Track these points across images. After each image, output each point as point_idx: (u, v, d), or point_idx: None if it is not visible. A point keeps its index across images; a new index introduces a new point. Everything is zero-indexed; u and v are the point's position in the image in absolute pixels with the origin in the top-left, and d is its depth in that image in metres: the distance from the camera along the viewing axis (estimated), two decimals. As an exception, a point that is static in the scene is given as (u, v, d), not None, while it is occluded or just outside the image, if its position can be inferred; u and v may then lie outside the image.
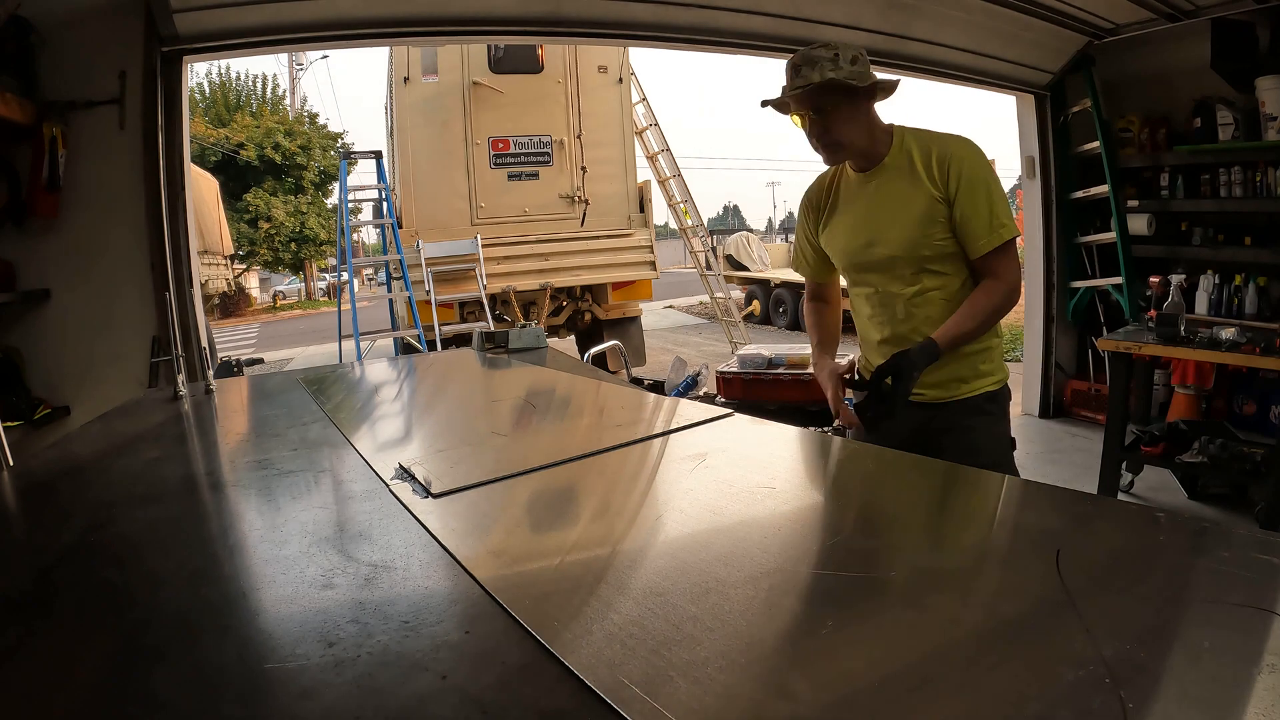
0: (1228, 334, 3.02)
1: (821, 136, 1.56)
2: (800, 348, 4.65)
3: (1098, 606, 0.55)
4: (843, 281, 1.82)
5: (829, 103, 1.53)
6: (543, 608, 0.62)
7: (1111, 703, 0.43)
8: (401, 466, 1.01)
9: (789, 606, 0.62)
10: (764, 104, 1.60)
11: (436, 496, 0.90)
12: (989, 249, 1.54)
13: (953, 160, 1.54)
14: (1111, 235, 4.43)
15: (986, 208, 1.53)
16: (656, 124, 8.35)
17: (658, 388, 1.70)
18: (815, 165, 1.72)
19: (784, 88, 1.56)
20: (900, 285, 1.62)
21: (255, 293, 24.07)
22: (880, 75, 1.57)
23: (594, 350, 2.37)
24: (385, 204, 6.67)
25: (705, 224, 9.37)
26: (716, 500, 0.89)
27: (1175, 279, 3.47)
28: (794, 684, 0.51)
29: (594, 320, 7.40)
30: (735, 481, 0.96)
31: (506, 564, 0.73)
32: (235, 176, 18.69)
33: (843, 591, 0.64)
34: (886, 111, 1.64)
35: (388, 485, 0.96)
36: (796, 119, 1.59)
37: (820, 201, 1.73)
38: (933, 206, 1.55)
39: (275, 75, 31.20)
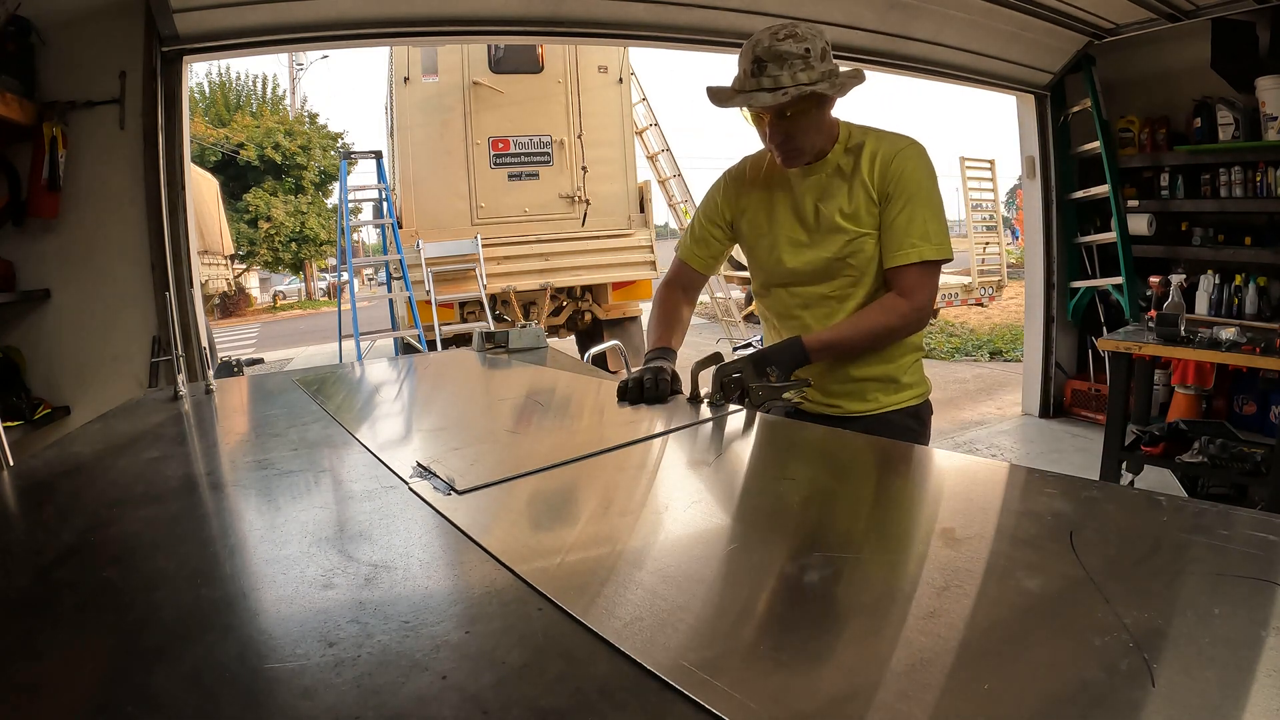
0: (1228, 334, 3.02)
1: (784, 143, 1.41)
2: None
3: (1113, 580, 0.61)
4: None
5: (799, 109, 1.35)
6: (587, 597, 0.63)
7: (1137, 662, 0.49)
8: (420, 465, 1.01)
9: (828, 588, 0.65)
10: (716, 101, 1.38)
11: (461, 493, 0.90)
12: (903, 263, 1.41)
13: (894, 159, 1.41)
14: (1112, 235, 4.43)
15: (916, 218, 1.40)
16: (657, 124, 8.35)
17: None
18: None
19: (739, 80, 1.35)
20: (827, 288, 1.49)
21: (255, 293, 24.05)
22: (842, 66, 1.41)
23: (594, 350, 2.37)
24: (385, 204, 6.66)
25: (705, 224, 9.34)
26: (741, 491, 0.91)
27: (1175, 279, 3.47)
28: (846, 658, 0.55)
29: (594, 320, 7.39)
30: (758, 474, 0.99)
31: (543, 556, 0.74)
32: (235, 176, 18.68)
33: (875, 572, 0.68)
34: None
35: (407, 483, 0.96)
36: (747, 114, 1.39)
37: (751, 185, 1.55)
38: (870, 206, 1.43)
39: (275, 75, 31.20)
